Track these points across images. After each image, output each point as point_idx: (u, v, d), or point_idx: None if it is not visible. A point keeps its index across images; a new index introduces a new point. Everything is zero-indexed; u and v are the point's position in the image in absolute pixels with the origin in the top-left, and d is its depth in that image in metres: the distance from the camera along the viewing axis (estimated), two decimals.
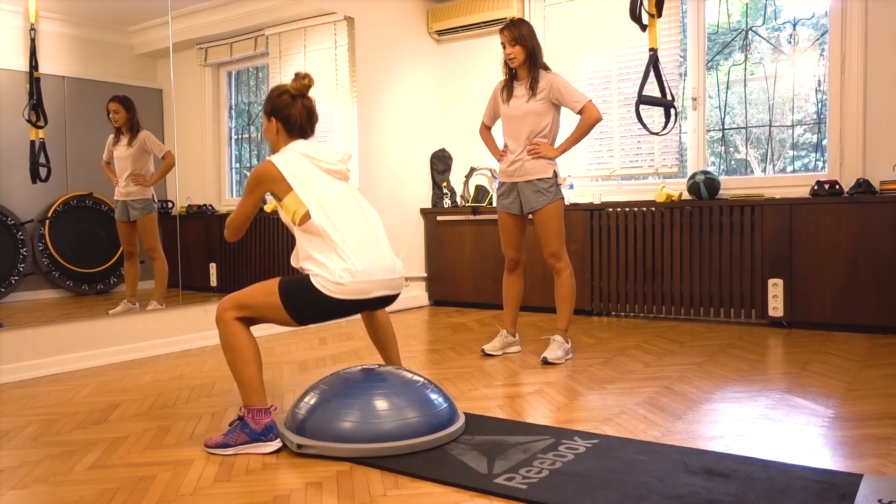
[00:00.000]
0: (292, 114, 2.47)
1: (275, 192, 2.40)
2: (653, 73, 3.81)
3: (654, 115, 4.92)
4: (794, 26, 4.68)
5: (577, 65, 5.39)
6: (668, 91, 3.87)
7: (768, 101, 4.77)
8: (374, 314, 2.75)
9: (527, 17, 5.56)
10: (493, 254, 5.43)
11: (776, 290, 4.37)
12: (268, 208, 4.82)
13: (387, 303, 2.50)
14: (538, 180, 3.56)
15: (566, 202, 5.01)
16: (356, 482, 2.04)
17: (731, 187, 4.78)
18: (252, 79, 4.87)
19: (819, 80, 4.60)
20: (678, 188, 4.85)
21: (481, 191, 5.69)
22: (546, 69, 3.58)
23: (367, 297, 2.35)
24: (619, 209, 4.92)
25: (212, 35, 4.50)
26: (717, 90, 4.94)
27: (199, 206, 4.44)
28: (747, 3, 4.84)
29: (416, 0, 5.84)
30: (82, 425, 2.68)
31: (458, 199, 5.90)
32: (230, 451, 2.29)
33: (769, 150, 4.81)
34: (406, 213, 5.75)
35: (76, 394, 3.18)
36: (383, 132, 5.56)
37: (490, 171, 5.80)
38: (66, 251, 3.82)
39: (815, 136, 4.67)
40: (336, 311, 2.36)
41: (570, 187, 5.25)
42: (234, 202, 4.71)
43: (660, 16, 3.80)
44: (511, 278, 3.78)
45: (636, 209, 4.86)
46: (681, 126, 4.99)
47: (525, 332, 4.39)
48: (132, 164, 4.04)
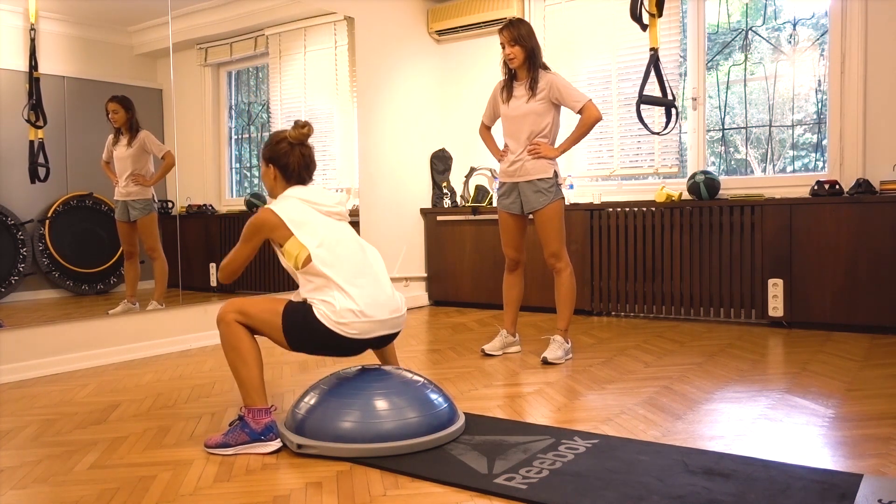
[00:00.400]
0: (290, 162, 2.48)
1: (274, 239, 2.40)
2: (653, 73, 3.81)
3: (654, 115, 4.92)
4: (794, 26, 4.68)
5: (577, 65, 5.39)
6: (668, 91, 3.87)
7: (768, 101, 4.77)
8: None
9: (527, 17, 5.56)
10: (493, 254, 5.43)
11: (776, 290, 4.37)
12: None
13: (388, 341, 2.49)
14: (539, 180, 3.56)
15: (566, 202, 5.01)
16: (356, 482, 2.04)
17: (731, 187, 4.78)
18: (252, 79, 4.87)
19: (819, 80, 4.60)
20: (678, 188, 4.85)
21: (481, 191, 5.69)
22: (546, 69, 3.58)
23: (369, 336, 2.35)
24: (619, 209, 4.92)
25: (212, 35, 4.50)
26: (717, 90, 4.94)
27: (199, 206, 4.44)
28: (747, 3, 4.84)
29: (416, 0, 5.84)
30: (82, 425, 2.68)
31: (458, 199, 5.90)
32: (230, 450, 2.30)
33: (769, 150, 4.81)
34: (406, 213, 5.75)
35: (76, 394, 3.18)
36: (383, 132, 5.56)
37: (490, 171, 5.80)
38: (66, 251, 3.82)
39: (815, 136, 4.67)
40: (334, 348, 2.34)
41: (571, 187, 5.25)
42: (234, 202, 4.72)
43: (660, 15, 3.80)
44: (511, 278, 3.78)
45: (636, 209, 4.86)
46: (681, 126, 4.99)
47: (525, 332, 4.39)
48: (132, 164, 4.04)
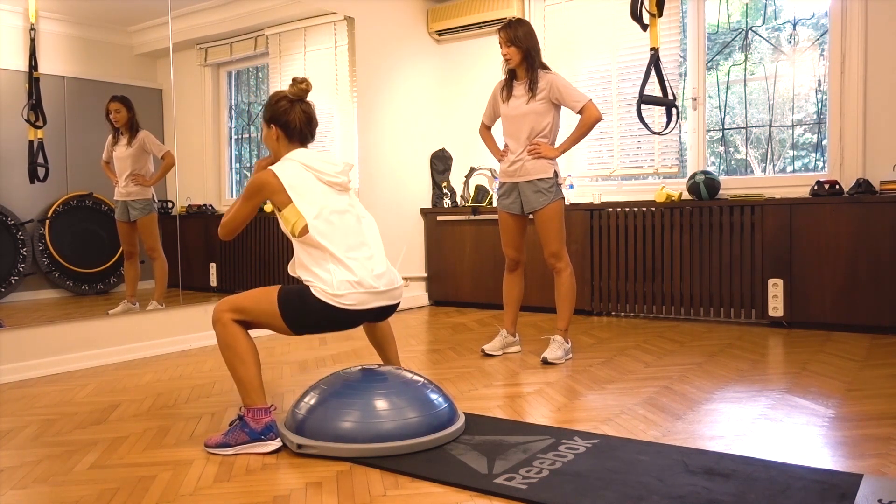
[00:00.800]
0: (291, 119, 2.46)
1: (274, 202, 2.40)
2: (654, 73, 3.81)
3: (654, 115, 4.92)
4: (794, 26, 4.68)
5: (577, 65, 5.39)
6: (669, 91, 3.87)
7: (768, 101, 4.77)
8: None
9: (527, 17, 5.56)
10: (493, 254, 5.43)
11: (776, 290, 4.37)
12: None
13: (386, 314, 2.50)
14: (539, 180, 3.56)
15: (566, 202, 5.01)
16: (356, 482, 2.04)
17: (731, 187, 4.78)
18: (252, 79, 4.87)
19: (819, 80, 4.60)
20: (678, 188, 4.85)
21: (481, 191, 5.69)
22: (545, 69, 3.58)
23: (366, 307, 2.35)
24: (619, 209, 4.92)
25: (212, 35, 4.50)
26: (717, 90, 4.94)
27: (199, 206, 4.44)
28: (747, 3, 4.84)
29: (416, 0, 5.84)
30: (82, 425, 2.68)
31: (458, 199, 5.90)
32: (230, 450, 2.29)
33: (769, 150, 4.81)
34: (406, 213, 5.75)
35: (76, 394, 3.18)
36: (383, 132, 5.56)
37: (490, 171, 5.80)
38: (66, 251, 3.82)
39: (815, 136, 4.67)
40: (334, 323, 2.35)
41: (571, 187, 5.25)
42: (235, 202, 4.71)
43: (661, 15, 3.80)
44: (511, 278, 3.78)
45: (636, 209, 4.86)
46: (681, 126, 4.99)
47: (525, 332, 4.39)
48: (132, 164, 4.04)
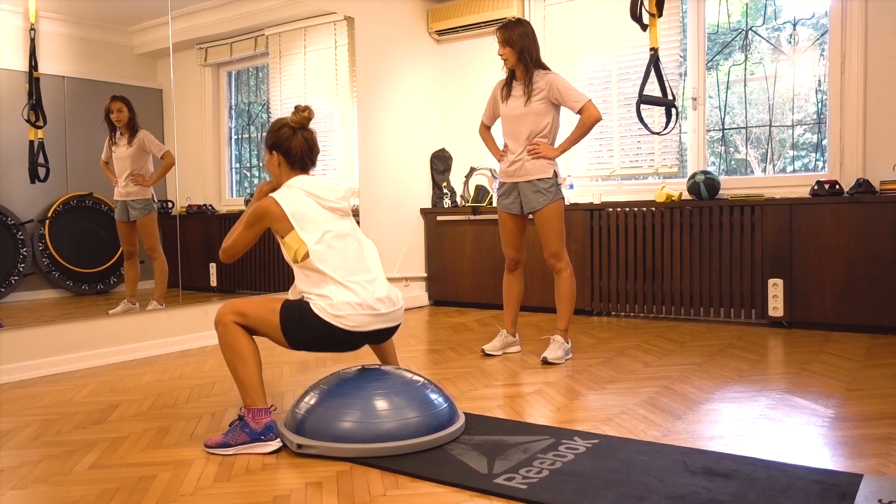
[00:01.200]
0: (293, 147, 2.47)
1: (275, 229, 2.40)
2: (653, 73, 3.81)
3: (654, 115, 4.92)
4: (794, 26, 4.68)
5: (577, 65, 5.39)
6: (668, 91, 3.87)
7: (768, 101, 4.77)
8: None
9: (527, 17, 5.56)
10: (493, 254, 5.43)
11: (776, 290, 4.37)
12: None
13: (387, 336, 2.49)
14: (538, 180, 3.56)
15: (566, 202, 5.01)
16: (356, 482, 2.04)
17: (731, 187, 4.78)
18: (252, 79, 4.87)
19: (819, 80, 4.60)
20: (678, 188, 4.85)
21: (481, 191, 5.69)
22: (545, 69, 3.58)
23: (367, 329, 2.35)
24: (619, 209, 4.92)
25: (212, 35, 4.50)
26: (717, 90, 4.94)
27: (199, 206, 4.44)
28: (747, 3, 4.84)
29: (416, 0, 5.84)
30: (82, 425, 2.68)
31: (458, 199, 5.90)
32: (230, 450, 2.30)
33: (769, 150, 4.81)
34: (406, 213, 5.75)
35: (76, 394, 3.18)
36: (383, 132, 5.56)
37: (490, 171, 5.80)
38: (66, 251, 3.82)
39: (815, 136, 4.67)
40: (333, 343, 2.35)
41: (571, 187, 5.25)
42: (234, 202, 4.72)
43: (660, 15, 3.80)
44: (511, 278, 3.78)
45: (636, 209, 4.86)
46: (681, 126, 4.99)
47: (525, 332, 4.39)
48: (131, 163, 4.04)
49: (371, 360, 3.67)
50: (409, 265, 5.73)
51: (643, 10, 3.75)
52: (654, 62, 3.80)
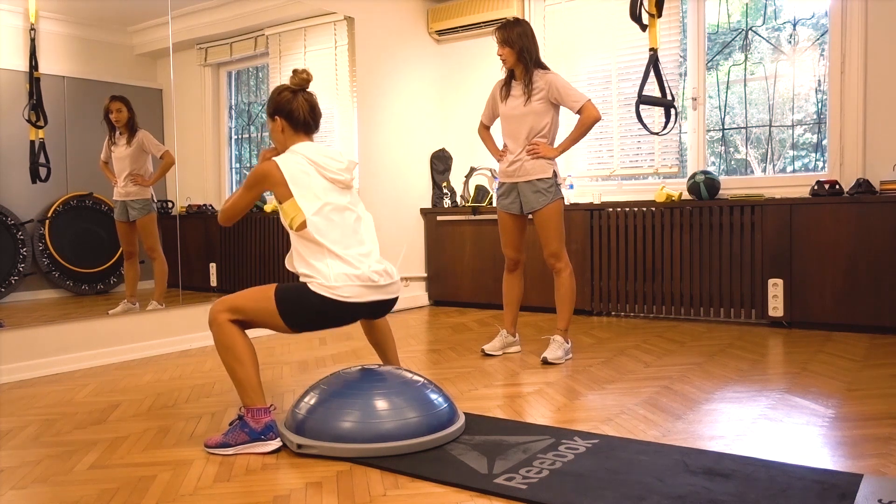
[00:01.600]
0: (294, 108, 2.47)
1: (275, 194, 2.40)
2: (653, 73, 3.81)
3: (654, 115, 4.92)
4: (794, 26, 4.68)
5: (577, 65, 5.39)
6: (668, 91, 3.87)
7: (768, 101, 4.77)
8: None
9: (527, 17, 5.56)
10: (493, 254, 5.43)
11: (776, 290, 4.37)
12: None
13: (384, 309, 2.49)
14: (538, 180, 3.56)
15: (566, 202, 5.01)
16: (356, 482, 2.04)
17: (731, 187, 4.77)
18: (252, 79, 4.87)
19: (819, 80, 4.60)
20: (678, 188, 4.85)
21: (481, 191, 5.69)
22: (544, 69, 3.57)
23: (363, 300, 2.35)
24: (619, 209, 4.92)
25: (212, 35, 4.50)
26: (717, 90, 4.94)
27: (198, 206, 4.44)
28: (747, 3, 4.84)
29: (416, 0, 5.84)
30: (82, 425, 2.68)
31: (458, 199, 5.90)
32: (230, 450, 2.29)
33: (769, 150, 4.81)
34: (406, 213, 5.75)
35: (76, 394, 3.18)
36: (383, 132, 5.56)
37: (490, 171, 5.80)
38: (66, 251, 3.82)
39: (815, 136, 4.67)
40: (332, 317, 2.35)
41: (570, 187, 5.25)
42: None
43: (660, 16, 3.81)
44: (511, 278, 3.78)
45: (636, 209, 4.86)
46: (681, 126, 4.99)
47: (525, 332, 4.39)
48: (131, 163, 4.04)
49: (371, 361, 3.67)
50: (409, 265, 5.73)
51: (643, 11, 3.75)
52: (654, 62, 3.80)
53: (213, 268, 4.52)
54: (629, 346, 3.92)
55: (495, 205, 4.17)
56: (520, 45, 3.50)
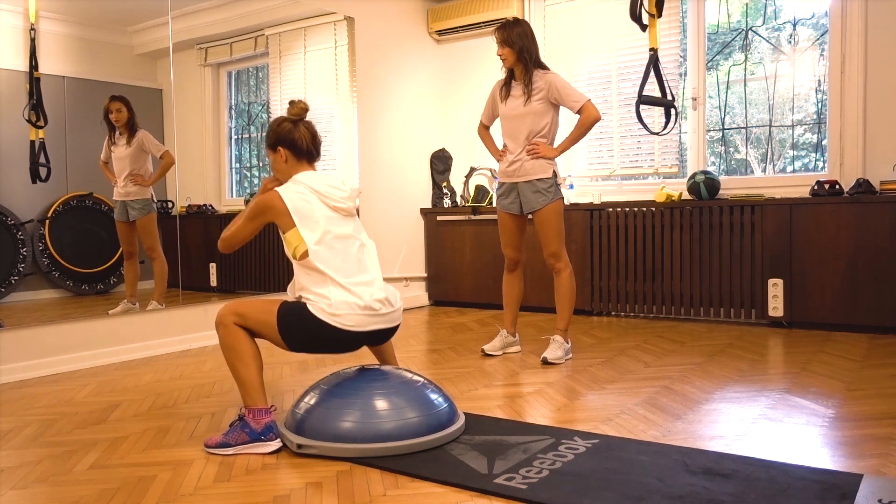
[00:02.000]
0: (297, 138, 2.47)
1: (278, 223, 2.41)
2: (653, 73, 3.81)
3: (654, 115, 4.92)
4: (794, 26, 4.68)
5: (577, 65, 5.39)
6: (668, 91, 3.87)
7: (768, 101, 4.77)
8: None
9: (527, 17, 5.56)
10: (493, 254, 5.43)
11: (776, 290, 4.37)
12: None
13: (385, 337, 2.49)
14: (538, 180, 3.56)
15: (566, 202, 5.01)
16: (356, 482, 2.04)
17: (731, 187, 4.77)
18: (252, 79, 4.87)
19: (819, 80, 4.60)
20: (678, 188, 4.85)
21: (481, 191, 5.69)
22: (544, 69, 3.57)
23: (365, 329, 2.35)
24: (619, 209, 4.92)
25: (212, 35, 4.50)
26: (717, 90, 4.94)
27: (199, 206, 4.44)
28: (747, 3, 4.84)
29: (416, 0, 5.85)
30: (82, 425, 2.68)
31: (458, 199, 5.90)
32: (230, 450, 2.29)
33: (769, 150, 4.81)
34: (406, 213, 5.75)
35: (76, 394, 3.18)
36: (383, 132, 5.56)
37: (490, 171, 5.80)
38: (66, 251, 3.82)
39: (815, 136, 4.67)
40: (331, 343, 2.35)
41: (570, 187, 5.25)
42: (234, 202, 4.72)
43: (660, 16, 3.80)
44: (511, 278, 3.78)
45: (636, 209, 4.86)
46: (681, 126, 4.99)
47: (525, 332, 4.39)
48: (130, 163, 4.04)
49: (371, 360, 3.67)
50: (409, 265, 5.73)
51: (643, 11, 3.75)
52: (654, 62, 3.80)
53: (213, 268, 4.52)
54: (629, 346, 3.92)
55: (495, 205, 4.17)
56: (520, 45, 3.50)
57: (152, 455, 2.32)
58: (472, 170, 5.81)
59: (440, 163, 5.99)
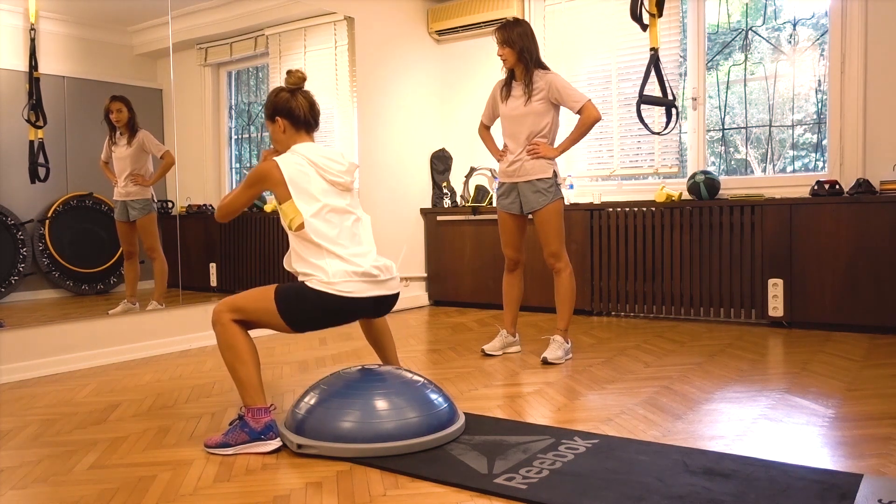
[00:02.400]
0: (294, 107, 2.48)
1: (274, 194, 2.41)
2: (653, 73, 3.81)
3: (654, 115, 4.92)
4: (794, 26, 4.68)
5: (577, 65, 5.39)
6: (668, 91, 3.87)
7: (768, 101, 4.77)
8: None
9: (527, 17, 5.56)
10: (493, 254, 5.43)
11: (776, 290, 4.37)
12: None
13: (386, 305, 2.49)
14: (538, 180, 3.56)
15: (566, 202, 5.01)
16: (356, 482, 2.04)
17: (731, 187, 4.77)
18: (252, 79, 4.87)
19: (819, 80, 4.60)
20: (678, 188, 4.85)
21: (481, 191, 5.69)
22: (544, 69, 3.57)
23: (364, 295, 2.35)
24: (619, 209, 4.92)
25: (212, 35, 4.50)
26: (717, 90, 4.94)
27: (199, 206, 4.44)
28: (747, 3, 4.84)
29: (416, 0, 5.85)
30: (82, 425, 2.68)
31: (458, 199, 5.90)
32: (230, 450, 2.29)
33: (769, 150, 4.81)
34: (406, 213, 5.75)
35: (76, 394, 3.18)
36: (383, 132, 5.56)
37: (490, 171, 5.80)
38: (66, 251, 3.82)
39: (815, 136, 4.67)
40: (332, 314, 2.35)
41: (570, 187, 5.25)
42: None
43: (660, 15, 3.80)
44: (511, 278, 3.78)
45: (636, 209, 4.86)
46: (681, 126, 4.99)
47: (525, 332, 4.39)
48: (131, 163, 4.04)
49: (371, 361, 3.67)
50: (409, 265, 5.72)
51: (643, 10, 3.75)
52: (655, 62, 3.80)
53: (213, 268, 4.52)
54: (629, 346, 3.92)
55: (495, 205, 4.16)
56: (520, 45, 3.50)
57: (152, 455, 2.32)
58: (472, 170, 5.81)
59: (440, 163, 5.99)
